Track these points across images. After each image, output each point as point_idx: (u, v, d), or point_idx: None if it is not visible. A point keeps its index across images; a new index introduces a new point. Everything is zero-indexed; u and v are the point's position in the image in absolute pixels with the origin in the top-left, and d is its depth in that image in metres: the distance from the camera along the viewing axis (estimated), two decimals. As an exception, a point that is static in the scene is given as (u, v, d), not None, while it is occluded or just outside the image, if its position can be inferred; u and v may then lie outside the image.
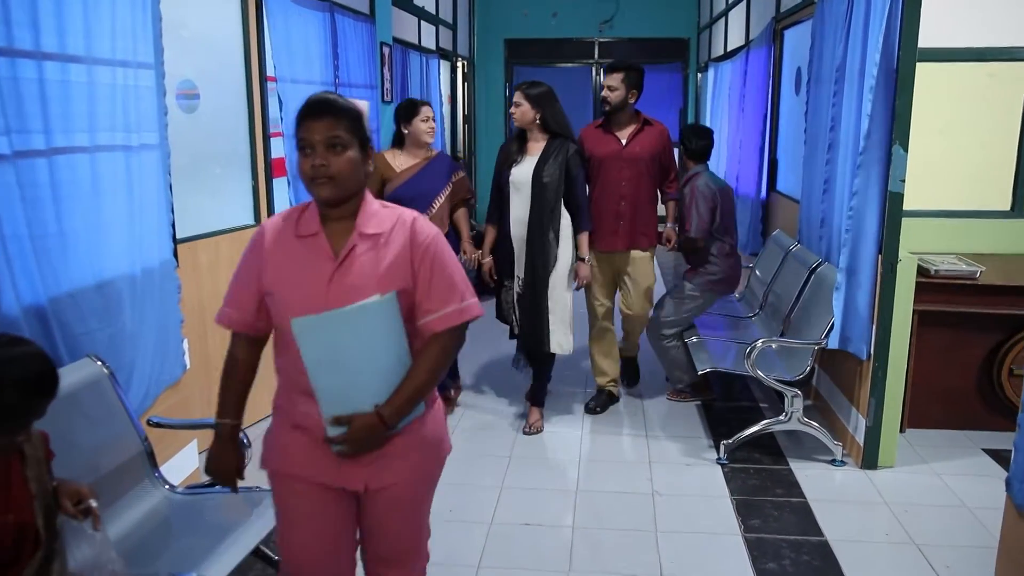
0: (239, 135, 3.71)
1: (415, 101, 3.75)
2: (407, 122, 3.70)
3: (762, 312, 4.41)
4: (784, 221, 5.11)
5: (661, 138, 3.93)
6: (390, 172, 3.71)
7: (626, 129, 3.90)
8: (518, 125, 3.67)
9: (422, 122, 3.68)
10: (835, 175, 3.69)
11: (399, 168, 3.72)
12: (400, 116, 3.73)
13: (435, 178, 3.75)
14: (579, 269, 3.71)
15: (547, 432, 3.83)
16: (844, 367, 3.62)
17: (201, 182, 3.49)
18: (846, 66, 3.57)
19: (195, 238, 3.42)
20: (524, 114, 3.62)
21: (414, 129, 3.70)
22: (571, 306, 3.72)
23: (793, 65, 5.11)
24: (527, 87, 3.65)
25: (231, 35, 3.63)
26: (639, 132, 3.89)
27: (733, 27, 7.43)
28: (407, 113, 3.71)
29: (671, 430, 3.84)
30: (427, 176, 3.73)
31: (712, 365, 3.56)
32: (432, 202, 3.71)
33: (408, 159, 3.75)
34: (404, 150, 3.77)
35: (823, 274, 3.67)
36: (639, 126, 3.90)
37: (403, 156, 3.75)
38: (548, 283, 3.63)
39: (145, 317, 2.75)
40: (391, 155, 3.77)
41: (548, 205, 3.58)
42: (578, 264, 3.71)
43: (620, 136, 3.90)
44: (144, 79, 2.74)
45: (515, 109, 3.64)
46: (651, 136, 3.91)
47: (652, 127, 3.93)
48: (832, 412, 3.78)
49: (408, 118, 3.70)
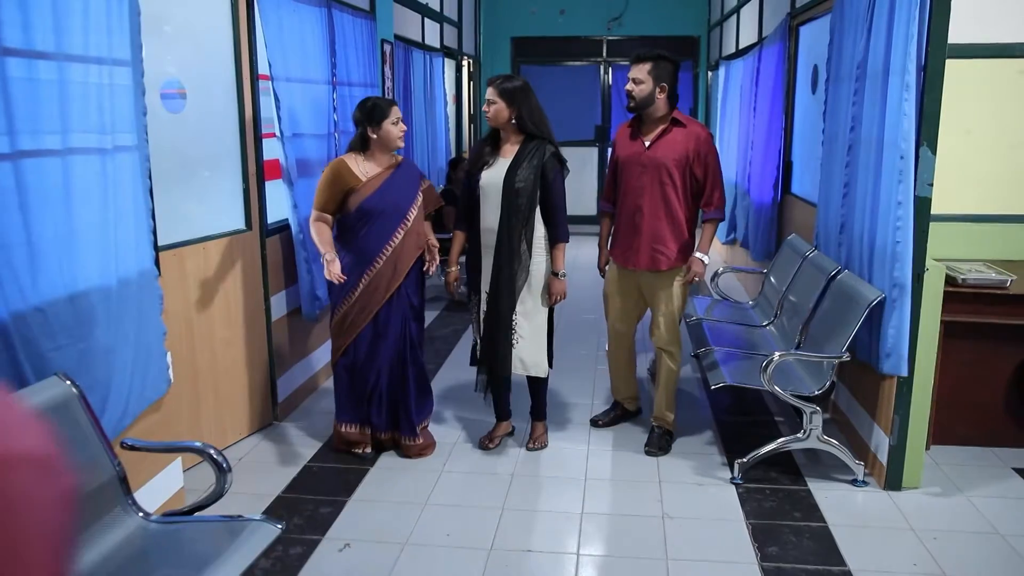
0: (229, 136, 3.54)
1: (384, 101, 3.32)
2: (376, 125, 3.26)
3: (777, 320, 4.21)
4: (800, 225, 4.91)
5: (694, 142, 3.38)
6: (355, 181, 3.27)
7: (653, 130, 3.46)
8: (492, 125, 3.36)
9: (393, 125, 3.27)
10: (855, 178, 3.49)
11: (365, 176, 3.29)
12: (367, 118, 3.27)
13: (406, 187, 3.37)
14: (552, 285, 3.38)
15: (552, 448, 3.64)
16: (865, 380, 3.43)
17: (188, 185, 3.33)
18: (868, 63, 3.37)
19: (181, 244, 3.26)
20: (499, 113, 3.28)
21: (384, 133, 3.28)
22: (546, 325, 3.45)
23: (809, 63, 4.91)
24: (501, 81, 3.30)
25: (220, 31, 3.46)
26: (665, 133, 3.42)
27: (745, 24, 7.23)
28: (376, 115, 3.26)
29: (682, 447, 3.65)
30: (397, 185, 3.34)
31: (724, 380, 3.37)
32: (406, 214, 3.33)
33: (373, 166, 3.32)
34: (368, 156, 3.33)
35: (843, 283, 3.48)
36: (667, 127, 3.43)
37: (368, 163, 3.32)
38: (515, 299, 3.35)
39: (123, 331, 2.58)
40: (354, 161, 3.31)
41: (520, 213, 3.28)
42: (551, 279, 3.39)
43: (645, 138, 3.46)
44: (120, 77, 2.56)
45: (488, 107, 3.28)
46: (679, 139, 3.39)
47: (683, 129, 3.42)
48: (853, 428, 3.58)
49: (377, 120, 3.26)
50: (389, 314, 3.39)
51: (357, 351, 3.41)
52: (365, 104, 3.33)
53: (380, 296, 3.36)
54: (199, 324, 3.38)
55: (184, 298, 3.28)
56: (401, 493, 3.21)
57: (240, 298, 3.62)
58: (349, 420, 3.50)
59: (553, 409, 3.84)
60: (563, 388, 4.31)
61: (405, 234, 3.37)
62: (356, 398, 3.47)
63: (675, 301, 3.54)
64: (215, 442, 3.51)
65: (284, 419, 3.95)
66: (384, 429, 3.52)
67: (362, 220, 3.30)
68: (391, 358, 3.43)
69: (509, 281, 3.34)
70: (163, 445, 2.50)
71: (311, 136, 4.09)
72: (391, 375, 3.45)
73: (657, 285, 3.53)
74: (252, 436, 3.75)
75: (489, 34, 10.09)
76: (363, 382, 3.44)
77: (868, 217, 3.34)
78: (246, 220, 3.66)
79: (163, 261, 3.10)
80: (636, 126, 3.52)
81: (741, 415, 4.04)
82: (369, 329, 3.38)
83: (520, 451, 3.61)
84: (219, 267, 3.47)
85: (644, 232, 3.47)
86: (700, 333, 4.12)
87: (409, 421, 3.52)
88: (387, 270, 3.35)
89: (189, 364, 3.32)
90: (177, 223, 3.26)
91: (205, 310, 3.41)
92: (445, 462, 3.49)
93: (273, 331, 3.85)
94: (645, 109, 3.42)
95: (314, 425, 3.89)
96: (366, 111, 3.30)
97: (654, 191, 3.43)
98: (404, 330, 3.44)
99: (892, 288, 3.10)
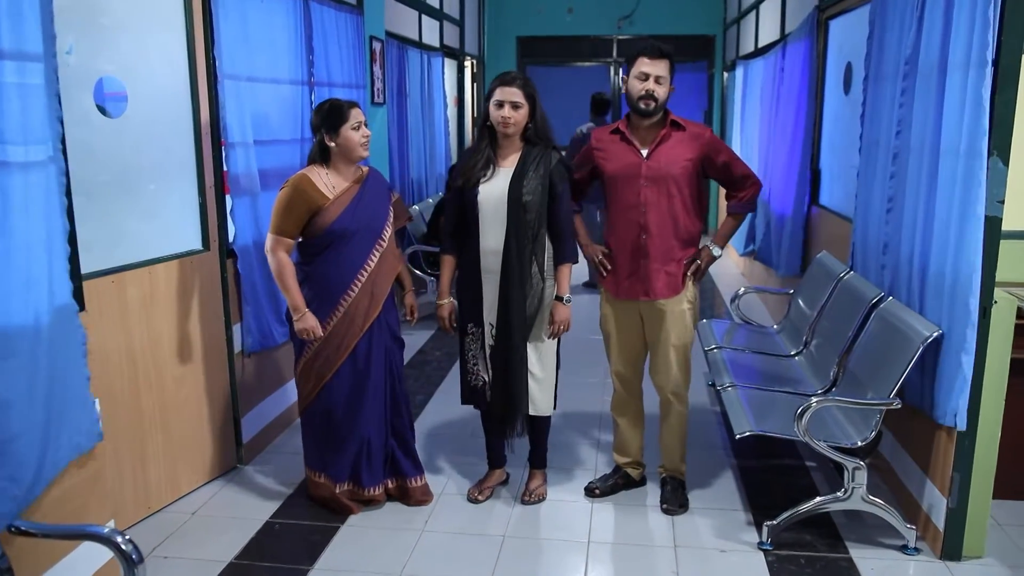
0: (181, 143, 3.10)
1: (342, 103, 2.84)
2: (333, 132, 2.80)
3: (807, 350, 3.73)
4: (829, 240, 4.43)
5: (699, 146, 2.92)
6: (321, 199, 2.80)
7: (650, 135, 2.95)
8: (511, 133, 2.86)
9: (353, 131, 2.81)
10: (903, 192, 3.01)
11: (333, 193, 2.84)
12: (323, 124, 2.82)
13: (376, 202, 2.93)
14: (555, 312, 2.92)
15: (550, 502, 3.17)
16: (915, 426, 2.94)
17: (130, 201, 2.88)
18: (919, 58, 2.89)
19: (121, 269, 2.82)
20: (523, 118, 2.82)
21: (343, 141, 2.80)
22: (555, 358, 3.02)
23: (841, 60, 4.42)
24: (524, 83, 2.82)
25: (171, 23, 3.02)
26: (665, 140, 2.92)
27: (766, 20, 6.75)
28: (333, 119, 2.80)
29: (701, 501, 3.17)
30: (368, 201, 2.89)
31: (751, 427, 2.88)
32: (381, 233, 2.91)
33: (340, 180, 2.87)
34: (332, 168, 2.88)
35: (889, 313, 3.00)
36: (665, 130, 2.93)
37: (333, 176, 2.86)
38: (529, 330, 2.91)
39: (30, 380, 2.13)
40: (317, 176, 2.84)
41: (530, 230, 2.84)
42: (554, 306, 2.92)
43: (641, 145, 2.95)
44: (30, 75, 2.12)
45: (512, 112, 2.79)
46: (683, 143, 2.91)
47: (683, 132, 2.93)
48: (900, 482, 3.09)
49: (335, 126, 2.80)
50: (370, 347, 2.94)
51: (334, 393, 2.95)
52: (322, 107, 2.86)
53: (358, 328, 2.90)
54: (144, 360, 2.93)
55: (125, 331, 2.84)
56: (373, 560, 2.75)
57: (196, 328, 3.17)
58: (318, 469, 3.06)
59: (552, 451, 3.36)
60: (564, 425, 3.84)
61: (381, 256, 2.92)
62: (334, 448, 3.01)
63: (687, 331, 3.04)
64: (165, 494, 3.08)
65: (250, 462, 3.50)
66: (378, 482, 3.05)
67: (331, 243, 2.85)
68: (378, 398, 2.97)
69: (520, 310, 2.87)
70: (60, 530, 2.03)
71: (277, 143, 3.64)
72: (380, 417, 3.00)
73: (666, 312, 2.99)
74: (211, 483, 3.31)
75: (493, 33, 9.66)
76: (344, 429, 2.98)
77: (919, 237, 2.86)
78: (203, 239, 3.21)
79: (97, 290, 2.68)
80: (624, 132, 2.97)
81: (766, 457, 3.55)
82: (348, 367, 2.93)
83: (514, 505, 3.14)
84: (169, 293, 3.03)
85: (654, 255, 2.96)
86: (720, 364, 3.65)
87: (411, 455, 3.12)
88: (364, 298, 2.89)
89: (131, 408, 2.88)
90: (116, 245, 2.83)
91: (152, 344, 2.96)
92: (427, 519, 3.03)
93: (237, 364, 3.41)
94: (657, 113, 2.90)
95: (284, 468, 3.44)
96: (322, 115, 2.84)
97: (660, 206, 2.92)
98: (388, 363, 2.99)
99: (951, 323, 2.63)
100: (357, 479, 3.03)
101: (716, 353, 3.78)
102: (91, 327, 2.63)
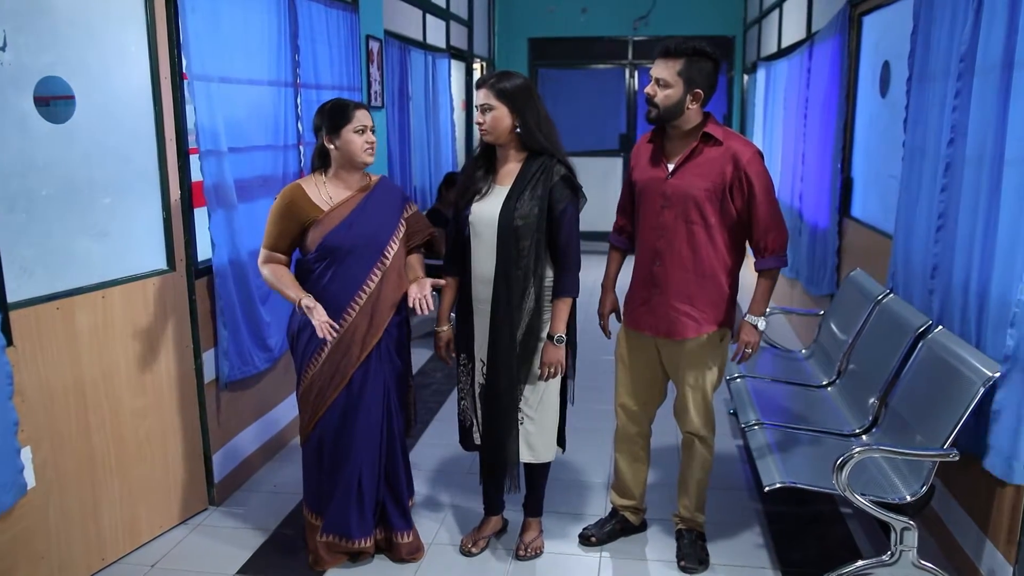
0: (141, 153, 2.78)
1: (347, 103, 2.53)
2: (333, 134, 2.50)
3: (841, 381, 3.36)
4: (862, 256, 4.05)
5: (732, 165, 2.46)
6: (314, 211, 2.52)
7: (679, 149, 2.56)
8: (489, 140, 2.54)
9: (356, 133, 2.49)
10: (957, 207, 2.64)
11: (329, 204, 2.54)
12: (323, 126, 2.52)
13: (383, 215, 2.60)
14: (545, 353, 2.54)
15: (549, 555, 2.82)
16: (971, 478, 2.56)
17: (79, 217, 2.56)
18: (978, 55, 2.52)
19: (68, 294, 2.50)
20: (497, 123, 2.46)
21: (344, 144, 2.50)
22: (557, 398, 2.65)
23: (877, 59, 4.04)
24: (497, 80, 2.47)
25: (129, 17, 2.70)
26: (694, 155, 2.51)
27: (790, 19, 6.37)
28: (334, 119, 2.50)
29: (722, 556, 2.80)
30: (371, 213, 2.57)
31: (781, 479, 2.51)
32: (384, 250, 2.59)
33: (340, 190, 2.57)
34: (333, 177, 2.59)
35: (940, 346, 2.62)
36: (696, 144, 2.52)
37: (333, 186, 2.58)
38: (519, 372, 2.54)
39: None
40: (313, 186, 2.56)
41: (521, 257, 2.47)
42: (545, 346, 2.55)
43: (669, 160, 2.57)
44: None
45: (482, 116, 2.47)
46: (712, 162, 2.48)
47: (718, 147, 2.48)
48: (953, 540, 2.70)
49: (336, 127, 2.49)
50: (365, 379, 2.58)
51: (324, 428, 2.62)
52: (324, 107, 2.55)
53: (354, 357, 2.56)
54: (95, 395, 2.61)
55: (73, 363, 2.52)
56: (348, 627, 2.42)
57: (160, 356, 2.85)
58: (316, 511, 2.72)
59: (554, 493, 3.00)
60: (567, 460, 3.48)
61: (383, 276, 2.57)
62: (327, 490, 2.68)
63: (707, 376, 2.64)
64: (122, 544, 2.76)
65: (223, 502, 3.17)
66: (368, 533, 2.69)
67: (326, 261, 2.53)
68: (371, 438, 2.61)
69: (509, 350, 2.50)
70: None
71: (257, 150, 3.32)
72: (372, 460, 2.64)
73: (682, 355, 2.62)
74: (176, 528, 2.98)
75: (504, 35, 9.33)
76: (333, 470, 2.64)
77: (978, 260, 2.49)
78: (168, 258, 2.89)
79: (38, 318, 2.37)
80: (659, 142, 2.62)
81: (796, 504, 3.17)
82: (341, 400, 2.59)
83: (509, 561, 2.78)
84: (126, 319, 2.71)
85: (664, 287, 2.58)
86: (743, 396, 3.28)
87: (402, 507, 2.74)
88: (361, 323, 2.55)
89: (79, 450, 2.56)
90: (63, 267, 2.51)
91: (105, 376, 2.64)
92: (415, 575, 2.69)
93: (208, 394, 3.08)
94: (670, 121, 2.53)
95: (260, 508, 3.11)
96: (324, 115, 2.53)
97: (678, 232, 2.53)
98: (385, 399, 2.64)
99: (1015, 360, 2.25)
100: (345, 528, 2.67)
101: (739, 383, 3.41)
102: (26, 362, 2.33)
